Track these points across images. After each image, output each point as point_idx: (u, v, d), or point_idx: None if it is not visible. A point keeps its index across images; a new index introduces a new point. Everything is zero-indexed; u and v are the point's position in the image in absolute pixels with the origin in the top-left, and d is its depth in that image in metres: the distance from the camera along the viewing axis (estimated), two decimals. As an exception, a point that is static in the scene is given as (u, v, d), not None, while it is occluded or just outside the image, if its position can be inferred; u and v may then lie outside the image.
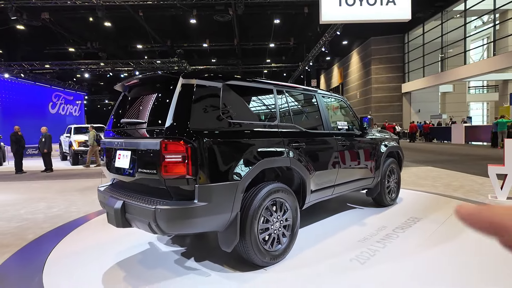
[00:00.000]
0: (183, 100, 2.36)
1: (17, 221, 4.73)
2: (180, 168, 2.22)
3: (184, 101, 2.36)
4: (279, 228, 2.78)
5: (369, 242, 3.22)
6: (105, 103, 52.84)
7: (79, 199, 6.21)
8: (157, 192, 2.41)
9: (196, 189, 2.25)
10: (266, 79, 3.06)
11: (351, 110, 4.18)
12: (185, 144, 2.22)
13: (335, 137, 3.60)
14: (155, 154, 2.31)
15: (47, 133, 11.03)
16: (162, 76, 2.61)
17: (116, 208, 2.50)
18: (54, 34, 21.85)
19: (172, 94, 2.40)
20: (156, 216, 2.21)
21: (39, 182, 8.83)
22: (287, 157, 2.85)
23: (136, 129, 2.61)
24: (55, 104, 24.79)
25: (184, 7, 17.16)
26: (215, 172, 2.34)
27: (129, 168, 2.60)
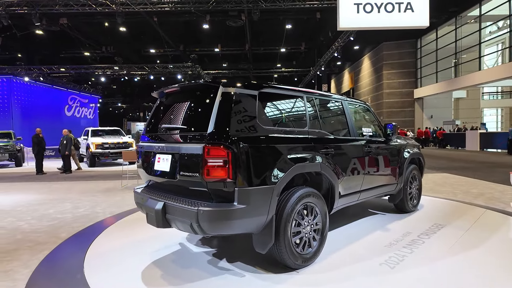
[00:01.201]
0: (223, 107, 2.49)
1: (47, 220, 4.92)
2: (221, 172, 2.35)
3: (224, 109, 2.49)
4: (310, 231, 2.87)
5: (396, 247, 3.28)
6: (117, 106, 53.80)
7: (103, 200, 6.39)
8: (197, 194, 2.54)
9: (235, 192, 2.37)
10: (296, 87, 3.18)
11: (375, 116, 4.26)
12: (226, 149, 2.35)
13: (361, 143, 3.68)
14: (197, 158, 2.44)
15: (68, 135, 11.33)
16: (202, 84, 2.75)
17: (157, 209, 2.63)
18: (71, 38, 22.46)
19: (213, 101, 2.53)
20: (199, 217, 2.33)
21: (60, 183, 9.09)
22: (317, 162, 2.95)
23: (177, 134, 2.74)
24: (71, 107, 25.42)
25: (198, 13, 17.48)
26: (253, 176, 2.45)
27: (169, 171, 2.74)
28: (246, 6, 13.40)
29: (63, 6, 12.37)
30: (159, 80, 35.15)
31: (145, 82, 36.73)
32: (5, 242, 3.94)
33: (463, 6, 23.33)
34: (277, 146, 2.68)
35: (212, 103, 2.52)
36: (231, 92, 2.56)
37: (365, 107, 4.19)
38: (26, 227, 4.56)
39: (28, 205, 6.04)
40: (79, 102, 26.40)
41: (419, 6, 7.55)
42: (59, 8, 12.34)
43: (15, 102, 19.49)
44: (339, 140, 3.40)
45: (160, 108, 3.19)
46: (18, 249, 3.69)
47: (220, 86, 2.56)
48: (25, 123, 19.78)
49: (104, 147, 13.35)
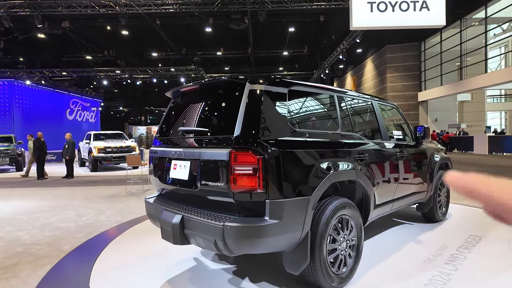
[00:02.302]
0: (251, 107, 2.18)
1: (49, 230, 4.60)
2: (251, 181, 2.03)
3: (253, 109, 2.18)
4: (346, 248, 2.55)
5: (437, 263, 2.95)
6: (119, 110, 53.60)
7: (107, 208, 6.08)
8: (221, 206, 2.22)
9: (267, 205, 2.05)
10: (326, 85, 2.87)
11: (403, 118, 3.95)
12: (256, 155, 2.04)
13: (393, 147, 3.37)
14: (222, 165, 2.12)
15: (71, 140, 11.04)
16: (226, 81, 2.43)
17: (174, 224, 2.31)
18: (73, 42, 22.25)
19: (238, 100, 2.22)
20: (225, 234, 2.01)
21: (62, 188, 8.77)
22: (353, 169, 2.64)
23: (198, 138, 2.43)
24: (73, 110, 25.17)
25: (201, 16, 17.26)
26: (287, 186, 2.14)
27: (188, 179, 2.42)
28: (252, 7, 13.15)
29: (66, 8, 12.14)
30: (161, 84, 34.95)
31: (147, 85, 36.54)
32: (4, 255, 3.62)
33: (468, 8, 23.11)
34: (311, 151, 2.36)
35: (238, 102, 2.21)
36: (260, 89, 2.25)
37: (393, 107, 3.87)
38: (27, 238, 4.24)
39: (29, 213, 5.72)
40: (81, 105, 26.16)
41: (435, 5, 7.26)
42: (62, 10, 12.10)
43: (16, 106, 19.23)
44: (372, 144, 3.09)
45: (176, 109, 2.88)
46: (18, 264, 3.37)
47: (246, 83, 2.25)
48: (26, 127, 19.50)
49: (106, 151, 13.05)
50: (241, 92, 2.24)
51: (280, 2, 12.98)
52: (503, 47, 29.12)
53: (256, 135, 2.10)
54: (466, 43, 24.82)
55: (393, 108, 3.87)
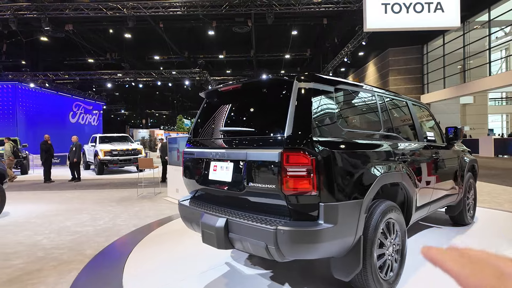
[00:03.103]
0: (301, 106, 2.10)
1: (67, 234, 4.49)
2: (305, 184, 1.95)
3: (302, 107, 2.10)
4: (392, 253, 2.46)
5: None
6: (120, 113, 53.53)
7: (121, 211, 5.97)
8: (270, 209, 2.13)
9: (321, 208, 1.96)
10: (366, 84, 2.79)
11: (434, 119, 3.87)
12: (310, 155, 1.95)
13: (429, 149, 3.29)
14: (272, 167, 2.04)
15: (78, 142, 10.94)
16: (272, 80, 2.34)
17: (219, 227, 2.22)
18: (75, 45, 22.23)
19: (286, 99, 2.14)
20: (278, 239, 1.92)
21: (71, 192, 8.66)
22: (399, 171, 2.55)
23: (242, 138, 2.34)
24: (75, 113, 25.10)
25: (205, 18, 17.26)
26: (341, 188, 2.05)
27: (231, 181, 2.33)
28: (260, 10, 13.12)
29: (73, 11, 12.08)
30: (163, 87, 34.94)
31: (148, 89, 36.54)
32: (26, 260, 3.51)
33: (472, 11, 23.17)
34: (362, 152, 2.28)
35: (286, 101, 2.13)
36: (308, 87, 2.17)
37: (425, 108, 3.80)
38: (46, 243, 4.14)
39: (42, 217, 5.62)
40: (83, 108, 26.11)
41: (450, 6, 7.22)
42: (69, 13, 12.04)
43: (19, 109, 19.14)
44: (411, 145, 3.01)
45: (213, 109, 2.79)
46: (42, 269, 3.26)
47: (294, 81, 2.17)
48: (29, 129, 19.42)
49: (113, 154, 12.93)
50: (289, 90, 2.16)
51: (288, 5, 12.96)
52: (504, 50, 29.21)
53: (308, 135, 2.02)
54: (469, 46, 24.88)
55: (425, 108, 3.79)
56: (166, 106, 52.66)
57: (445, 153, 3.61)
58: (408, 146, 2.92)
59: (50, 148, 10.83)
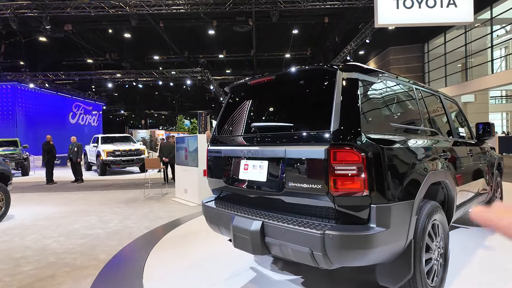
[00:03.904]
0: (348, 98, 1.93)
1: (77, 237, 4.31)
2: (355, 183, 1.77)
3: (348, 100, 1.93)
4: (438, 257, 2.29)
5: (524, 271, 2.70)
6: (119, 113, 53.23)
7: (130, 213, 5.78)
8: (313, 211, 1.96)
9: (373, 210, 1.79)
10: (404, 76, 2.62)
11: (463, 115, 3.71)
12: (360, 152, 1.78)
13: (464, 145, 3.13)
14: (317, 165, 1.87)
15: (78, 142, 10.73)
16: (311, 70, 2.16)
17: (254, 231, 2.05)
18: (74, 45, 21.99)
19: (329, 91, 1.96)
20: (326, 244, 1.75)
21: (75, 193, 8.46)
22: (443, 169, 2.39)
23: (279, 134, 2.15)
24: (75, 114, 24.87)
25: (206, 17, 17.07)
26: (392, 188, 1.88)
27: (266, 181, 2.16)
28: (265, 7, 12.95)
29: (74, 9, 11.86)
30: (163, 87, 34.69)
31: (148, 89, 36.29)
32: (37, 266, 3.33)
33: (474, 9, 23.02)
34: (410, 149, 2.12)
35: (329, 93, 1.95)
36: (354, 78, 2.00)
37: (455, 102, 3.63)
38: (56, 246, 3.95)
39: (49, 219, 5.43)
40: (83, 109, 25.87)
41: (463, 1, 7.11)
42: (70, 11, 11.82)
43: (19, 109, 18.90)
44: (449, 141, 2.84)
45: (240, 104, 2.61)
46: (55, 275, 3.08)
47: (338, 71, 1.99)
48: (29, 130, 19.18)
49: (115, 154, 12.73)
50: (332, 81, 1.98)
51: (293, 2, 12.78)
52: (503, 49, 29.14)
53: (357, 130, 1.85)
54: (471, 44, 24.78)
55: (455, 103, 3.63)
56: (165, 106, 52.44)
57: (476, 150, 3.45)
58: (447, 142, 2.76)
59: (52, 149, 10.63)
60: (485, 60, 23.18)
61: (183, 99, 48.86)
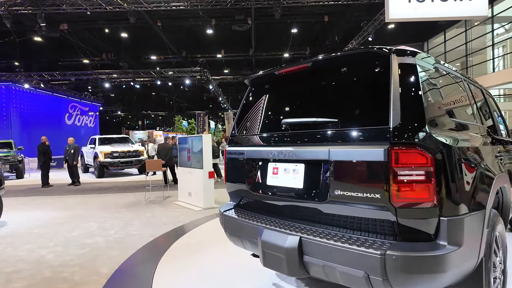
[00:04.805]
0: (407, 87, 1.59)
1: (76, 247, 3.94)
2: (422, 191, 1.44)
3: (409, 90, 1.59)
4: (499, 274, 1.97)
5: None
6: (115, 114, 52.69)
7: (131, 218, 5.42)
8: (366, 225, 1.62)
9: (442, 224, 1.46)
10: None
11: (499, 110, 3.39)
12: (428, 153, 1.45)
13: (510, 144, 2.81)
14: (374, 169, 1.53)
15: (75, 144, 10.33)
16: (358, 54, 1.79)
17: (290, 248, 1.71)
18: (70, 45, 21.55)
19: (382, 79, 1.64)
20: (388, 267, 1.41)
21: (72, 197, 8.07)
22: (503, 172, 2.07)
23: (319, 132, 1.81)
24: (71, 115, 24.40)
25: (205, 16, 16.72)
26: (464, 196, 1.56)
27: (305, 188, 1.82)
28: (267, 3, 12.63)
29: (70, 6, 11.46)
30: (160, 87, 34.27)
31: (145, 89, 35.84)
32: (30, 282, 2.96)
33: (475, 7, 22.87)
34: (477, 149, 1.80)
35: (384, 81, 1.62)
36: (413, 63, 1.67)
37: (492, 97, 3.31)
38: (52, 259, 3.58)
39: (45, 226, 5.05)
40: (79, 110, 25.40)
41: (477, -6, 6.88)
42: (66, 8, 11.41)
43: (14, 110, 18.43)
44: (500, 141, 2.53)
45: (264, 98, 2.26)
46: (51, 294, 2.72)
47: (392, 55, 1.66)
48: (24, 132, 18.71)
49: (113, 156, 12.34)
50: (385, 67, 1.65)
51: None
52: (501, 48, 29.03)
53: (422, 126, 1.52)
54: (471, 43, 24.62)
55: (491, 97, 3.31)
56: (162, 107, 52.01)
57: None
58: (499, 142, 2.44)
59: (48, 150, 10.22)
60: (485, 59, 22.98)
61: (180, 99, 48.41)
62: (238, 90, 44.19)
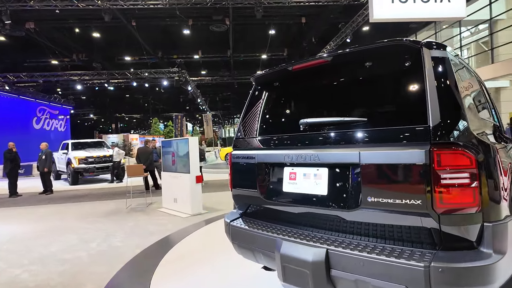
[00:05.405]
0: (443, 84, 1.47)
1: (55, 264, 3.57)
2: (466, 195, 1.32)
3: (447, 85, 1.47)
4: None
5: None
6: (88, 118, 50.61)
7: (114, 229, 5.06)
8: (401, 234, 1.48)
9: (487, 231, 1.34)
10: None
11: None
12: (472, 154, 1.33)
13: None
14: (412, 172, 1.39)
15: (47, 150, 9.67)
16: (384, 47, 1.63)
17: (316, 262, 1.54)
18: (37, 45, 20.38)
19: (413, 74, 1.51)
20: (433, 281, 1.28)
21: (45, 206, 7.50)
22: None
23: (345, 133, 1.64)
24: (40, 118, 23.06)
25: (182, 16, 16.31)
26: (505, 199, 1.45)
27: (329, 195, 1.65)
28: (248, 4, 12.45)
29: (39, 2, 10.72)
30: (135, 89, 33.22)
31: (118, 91, 34.59)
32: (5, 309, 2.61)
33: (444, 10, 23.89)
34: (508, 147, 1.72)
35: (417, 77, 1.49)
36: (446, 57, 1.55)
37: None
38: (27, 278, 3.21)
39: (18, 241, 4.59)
40: (48, 113, 24.05)
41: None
42: (34, 4, 10.66)
43: (-25, 115, 17.12)
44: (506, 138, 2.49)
45: (276, 96, 2.08)
46: (30, 322, 2.39)
47: (423, 48, 1.54)
48: (-13, 137, 17.39)
49: (88, 161, 11.72)
50: (417, 61, 1.52)
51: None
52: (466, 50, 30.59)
53: (463, 125, 1.40)
54: (441, 45, 25.68)
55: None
56: (137, 109, 50.51)
57: None
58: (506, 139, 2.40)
59: (15, 157, 9.49)
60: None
61: (156, 101, 47.19)
62: (216, 91, 43.76)
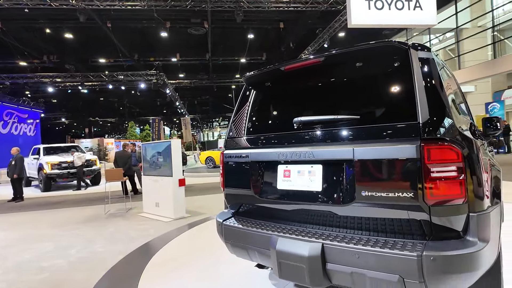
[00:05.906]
0: (430, 82, 1.57)
1: (32, 273, 3.40)
2: (454, 187, 1.41)
3: (433, 83, 1.57)
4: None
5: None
6: (59, 122, 48.59)
7: (93, 234, 4.89)
8: (392, 226, 1.54)
9: (472, 220, 1.44)
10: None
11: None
12: (459, 148, 1.43)
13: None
14: (404, 167, 1.46)
15: (18, 155, 9.20)
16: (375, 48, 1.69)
17: (312, 256, 1.57)
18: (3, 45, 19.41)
19: (404, 73, 1.60)
20: (425, 269, 1.35)
21: (16, 214, 7.12)
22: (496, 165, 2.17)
23: (339, 130, 1.69)
24: (7, 123, 21.89)
25: (159, 18, 16.09)
26: (487, 190, 1.57)
27: (324, 190, 1.69)
28: (228, 7, 12.48)
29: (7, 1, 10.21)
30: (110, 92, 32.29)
31: (92, 94, 33.46)
32: (-20, 321, 2.46)
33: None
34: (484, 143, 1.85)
35: (405, 76, 1.59)
36: (431, 58, 1.65)
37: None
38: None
39: (-13, 251, 4.33)
40: (17, 117, 22.87)
41: (427, 4, 7.46)
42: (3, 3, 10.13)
43: None
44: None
45: (268, 96, 2.11)
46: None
47: (410, 49, 1.63)
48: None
49: (62, 167, 11.23)
50: (405, 61, 1.61)
51: (257, 2, 12.48)
52: (435, 57, 32.20)
53: (450, 121, 1.50)
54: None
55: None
56: (112, 113, 49.03)
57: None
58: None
59: (-18, 163, 8.95)
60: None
61: (132, 105, 46.04)
62: (194, 95, 43.31)
